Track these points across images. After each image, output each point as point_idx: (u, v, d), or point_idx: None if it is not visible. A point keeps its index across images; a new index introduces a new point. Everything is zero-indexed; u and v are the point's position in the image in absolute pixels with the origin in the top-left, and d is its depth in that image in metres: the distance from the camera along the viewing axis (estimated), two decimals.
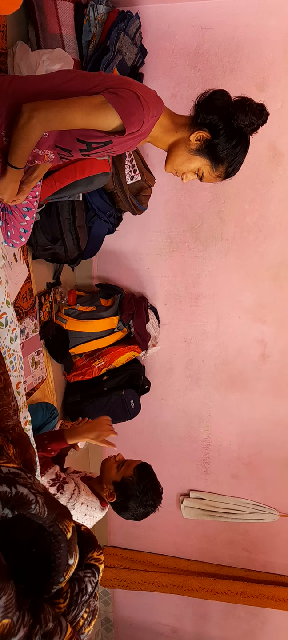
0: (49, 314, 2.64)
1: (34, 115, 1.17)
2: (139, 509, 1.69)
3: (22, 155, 1.25)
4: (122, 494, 1.68)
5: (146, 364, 3.18)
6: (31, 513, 0.59)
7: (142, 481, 1.68)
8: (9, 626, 0.50)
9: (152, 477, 1.74)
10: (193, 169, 1.36)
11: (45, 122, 1.19)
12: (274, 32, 2.42)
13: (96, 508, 1.71)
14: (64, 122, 1.20)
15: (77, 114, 1.18)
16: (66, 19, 2.15)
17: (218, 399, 3.15)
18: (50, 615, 0.57)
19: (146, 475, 1.71)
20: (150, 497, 1.69)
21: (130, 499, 1.67)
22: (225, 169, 1.33)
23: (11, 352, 1.23)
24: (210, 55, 2.52)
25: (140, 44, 2.44)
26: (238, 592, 3.35)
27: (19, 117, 1.19)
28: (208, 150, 1.30)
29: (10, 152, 1.25)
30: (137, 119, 1.20)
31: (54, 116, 1.18)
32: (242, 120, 1.24)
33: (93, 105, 1.18)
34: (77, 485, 1.67)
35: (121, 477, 1.69)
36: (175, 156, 1.36)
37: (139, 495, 1.67)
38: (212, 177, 1.36)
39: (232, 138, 1.27)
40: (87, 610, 0.65)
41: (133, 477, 1.68)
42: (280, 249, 2.75)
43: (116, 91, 1.19)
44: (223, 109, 1.26)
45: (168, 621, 3.87)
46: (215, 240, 2.83)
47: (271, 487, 3.26)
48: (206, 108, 1.28)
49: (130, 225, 2.88)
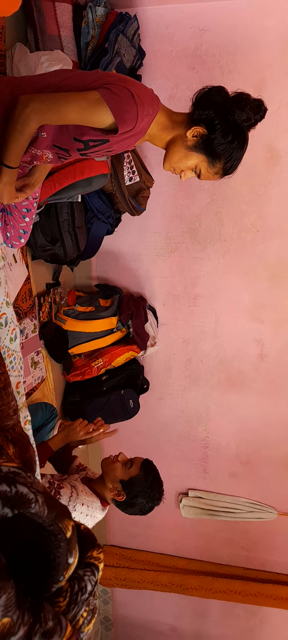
0: (49, 315, 2.65)
1: (29, 105, 1.16)
2: (148, 503, 1.74)
3: (16, 151, 1.23)
4: (130, 492, 1.71)
5: (145, 363, 3.18)
6: (31, 512, 0.60)
7: (148, 476, 1.73)
8: (9, 625, 0.51)
9: (156, 472, 1.79)
10: (190, 165, 1.35)
11: (39, 112, 1.17)
12: (272, 33, 2.43)
13: (97, 508, 1.72)
14: (58, 114, 1.19)
15: (71, 107, 1.18)
16: (65, 20, 2.15)
17: (216, 399, 3.16)
18: (50, 614, 0.57)
19: (151, 470, 1.76)
20: (157, 491, 1.75)
21: (139, 495, 1.71)
22: (222, 165, 1.32)
23: (11, 352, 1.23)
24: (208, 57, 2.53)
25: (139, 46, 2.44)
26: (237, 590, 3.36)
27: (15, 108, 1.18)
28: (205, 146, 1.29)
29: (4, 149, 1.23)
30: (131, 117, 1.19)
31: (49, 107, 1.17)
32: (239, 116, 1.23)
33: (88, 100, 1.18)
34: (74, 488, 1.66)
35: (129, 476, 1.72)
36: (172, 153, 1.36)
37: (147, 491, 1.71)
38: (209, 174, 1.35)
39: (228, 133, 1.26)
40: (86, 609, 0.66)
41: (140, 474, 1.72)
42: (277, 249, 2.76)
43: (111, 87, 1.19)
44: (220, 105, 1.26)
45: (168, 620, 3.87)
46: (213, 241, 2.84)
47: (269, 486, 3.27)
48: (202, 104, 1.28)
49: (128, 226, 2.89)
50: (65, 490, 1.63)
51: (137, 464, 1.75)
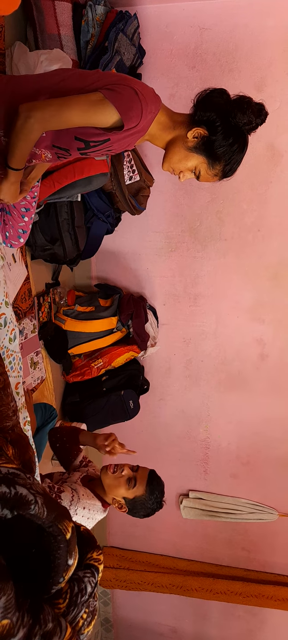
0: (48, 315, 2.64)
1: (31, 116, 1.16)
2: (150, 513, 1.71)
3: (21, 156, 1.25)
4: (133, 508, 1.68)
5: (145, 364, 3.18)
6: (30, 513, 0.59)
7: (153, 493, 1.68)
8: (9, 627, 0.50)
9: (160, 484, 1.73)
10: (190, 166, 1.35)
11: (42, 121, 1.18)
12: (272, 32, 2.42)
13: (98, 510, 1.69)
14: (61, 120, 1.19)
15: (74, 112, 1.18)
16: (64, 19, 2.15)
17: (217, 399, 3.16)
18: (50, 615, 0.57)
19: (156, 486, 1.70)
20: (160, 499, 1.71)
21: (142, 510, 1.68)
22: (222, 167, 1.32)
23: (10, 352, 1.23)
24: (208, 56, 2.53)
25: (139, 44, 2.44)
26: (238, 591, 3.35)
27: (16, 119, 1.18)
28: (205, 147, 1.29)
29: (9, 154, 1.25)
30: (136, 114, 1.19)
31: (52, 115, 1.18)
32: (240, 119, 1.24)
33: (91, 102, 1.18)
34: (74, 491, 1.64)
35: (133, 495, 1.66)
36: (172, 154, 1.35)
37: (151, 505, 1.68)
38: (208, 175, 1.35)
39: (229, 136, 1.26)
40: (86, 611, 0.65)
41: (145, 495, 1.66)
42: (278, 248, 2.75)
43: (114, 87, 1.19)
44: (222, 107, 1.26)
45: (168, 621, 3.87)
46: (214, 240, 2.83)
47: (270, 487, 3.26)
48: (204, 105, 1.28)
49: (129, 225, 2.88)
50: (66, 494, 1.61)
51: (143, 483, 1.67)
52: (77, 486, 1.69)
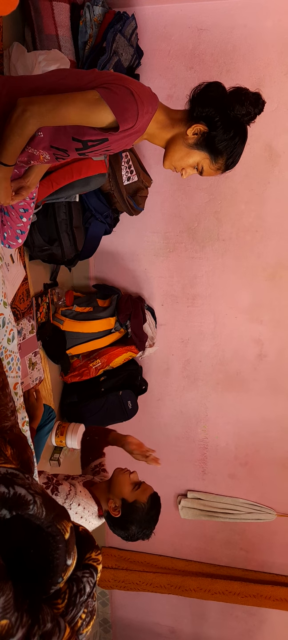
0: (46, 315, 2.64)
1: (28, 109, 1.16)
2: (137, 535, 1.68)
3: (13, 151, 1.22)
4: (128, 514, 1.65)
5: (143, 364, 3.18)
6: (29, 514, 0.59)
7: (151, 511, 1.66)
8: (8, 627, 0.50)
9: (159, 510, 1.72)
10: (192, 163, 1.35)
11: (38, 115, 1.17)
12: (270, 33, 2.43)
13: (93, 513, 1.67)
14: (57, 116, 1.18)
15: (70, 108, 1.17)
16: (62, 20, 2.15)
17: (215, 399, 3.16)
18: (49, 615, 0.57)
19: (156, 507, 1.69)
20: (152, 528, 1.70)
21: (134, 522, 1.65)
22: (224, 161, 1.32)
23: (8, 353, 1.23)
24: (206, 56, 2.53)
25: (137, 45, 2.44)
26: (236, 592, 3.36)
27: (13, 111, 1.17)
28: (206, 143, 1.29)
29: (1, 148, 1.22)
30: (131, 115, 1.19)
31: (48, 110, 1.17)
32: (239, 111, 1.24)
33: (87, 100, 1.18)
34: (72, 486, 1.64)
35: (134, 499, 1.65)
36: (173, 152, 1.35)
37: (144, 524, 1.66)
38: (211, 170, 1.35)
39: (229, 129, 1.26)
40: (85, 611, 0.65)
41: (145, 505, 1.65)
42: (276, 249, 2.76)
43: (110, 87, 1.18)
44: (219, 101, 1.26)
45: (166, 622, 3.87)
46: (212, 241, 2.84)
47: (268, 487, 3.27)
48: (202, 101, 1.28)
49: (127, 226, 2.88)
50: (63, 487, 1.62)
51: (146, 493, 1.68)
52: (77, 483, 1.70)
